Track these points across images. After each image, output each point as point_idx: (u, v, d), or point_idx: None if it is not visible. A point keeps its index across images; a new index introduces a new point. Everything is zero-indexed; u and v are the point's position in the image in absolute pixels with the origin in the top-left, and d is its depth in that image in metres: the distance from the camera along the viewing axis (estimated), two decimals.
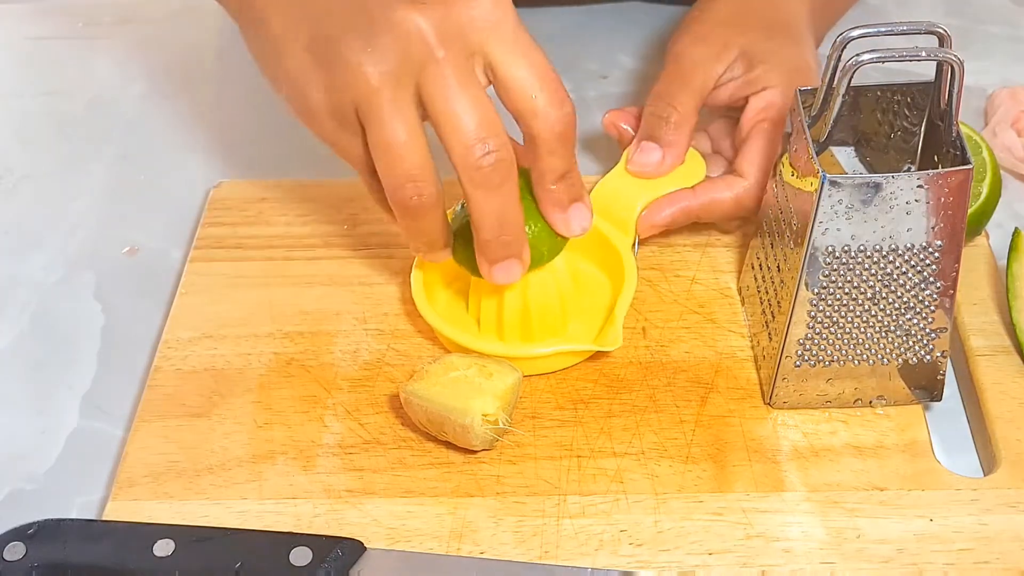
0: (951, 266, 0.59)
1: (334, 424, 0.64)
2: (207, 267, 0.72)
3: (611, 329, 0.64)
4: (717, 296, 0.70)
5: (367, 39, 0.55)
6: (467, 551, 0.58)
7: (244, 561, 0.56)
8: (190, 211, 0.78)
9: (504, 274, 0.61)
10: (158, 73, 0.91)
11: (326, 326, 0.69)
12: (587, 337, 0.66)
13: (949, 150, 0.60)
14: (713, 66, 0.71)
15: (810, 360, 0.62)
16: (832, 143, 0.64)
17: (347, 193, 0.76)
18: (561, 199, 0.61)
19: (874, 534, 0.58)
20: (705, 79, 0.71)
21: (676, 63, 0.72)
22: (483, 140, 0.56)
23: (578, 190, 0.61)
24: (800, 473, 0.61)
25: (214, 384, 0.66)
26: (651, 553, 0.58)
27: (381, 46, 0.55)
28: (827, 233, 0.58)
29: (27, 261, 0.76)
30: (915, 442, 0.62)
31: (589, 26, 0.93)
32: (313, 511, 0.60)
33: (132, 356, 0.69)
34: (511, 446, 0.62)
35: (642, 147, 0.70)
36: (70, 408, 0.67)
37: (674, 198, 0.70)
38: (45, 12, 0.97)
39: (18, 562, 0.55)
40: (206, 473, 0.62)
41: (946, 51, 0.57)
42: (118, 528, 0.58)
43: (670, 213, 0.70)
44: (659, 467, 0.61)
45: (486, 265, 0.61)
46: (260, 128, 0.85)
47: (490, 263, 0.60)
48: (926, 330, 0.61)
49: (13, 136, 0.86)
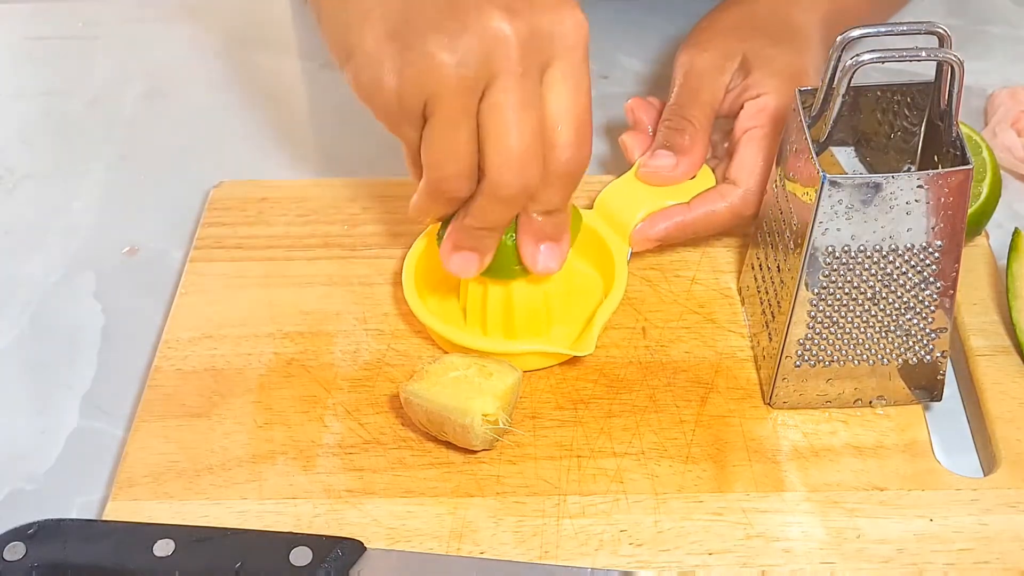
0: (951, 266, 0.59)
1: (334, 424, 0.64)
2: (207, 267, 0.72)
3: (587, 335, 0.64)
4: (717, 296, 0.70)
5: (453, 37, 0.55)
6: (467, 551, 0.58)
7: (244, 561, 0.56)
8: (190, 211, 0.77)
9: (460, 264, 0.61)
10: (158, 73, 0.91)
11: (326, 326, 0.69)
12: (568, 340, 0.66)
13: (949, 150, 0.60)
14: (718, 77, 0.71)
15: (810, 360, 0.62)
16: (832, 143, 0.64)
17: (347, 193, 0.76)
18: (539, 232, 0.61)
19: (874, 534, 0.58)
20: (714, 91, 0.71)
21: (686, 76, 0.72)
22: (521, 165, 0.56)
23: (559, 230, 0.61)
24: (800, 473, 0.61)
25: (214, 384, 0.66)
26: (651, 553, 0.58)
27: (465, 47, 0.55)
28: (827, 233, 0.58)
29: (27, 261, 0.76)
30: (915, 442, 0.62)
31: (589, 26, 0.93)
32: (313, 511, 0.60)
33: (132, 356, 0.69)
34: (511, 446, 0.62)
35: (656, 154, 0.70)
36: (70, 408, 0.67)
37: (669, 212, 0.69)
38: (45, 12, 0.97)
39: (18, 562, 0.55)
40: (206, 473, 0.62)
41: (946, 51, 0.57)
42: (118, 528, 0.58)
43: (664, 228, 0.69)
44: (659, 467, 0.61)
45: (449, 248, 0.61)
46: (260, 128, 0.85)
47: (455, 248, 0.61)
48: (926, 330, 0.61)
49: (13, 136, 0.86)
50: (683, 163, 0.69)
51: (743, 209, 0.68)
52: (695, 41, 0.73)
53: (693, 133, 0.70)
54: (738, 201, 0.68)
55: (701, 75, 0.71)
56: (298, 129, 0.83)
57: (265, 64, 0.90)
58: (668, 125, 0.70)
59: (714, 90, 0.71)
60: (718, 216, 0.69)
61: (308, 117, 0.68)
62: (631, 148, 0.72)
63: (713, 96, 0.71)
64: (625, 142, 0.73)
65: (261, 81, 0.89)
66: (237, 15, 0.96)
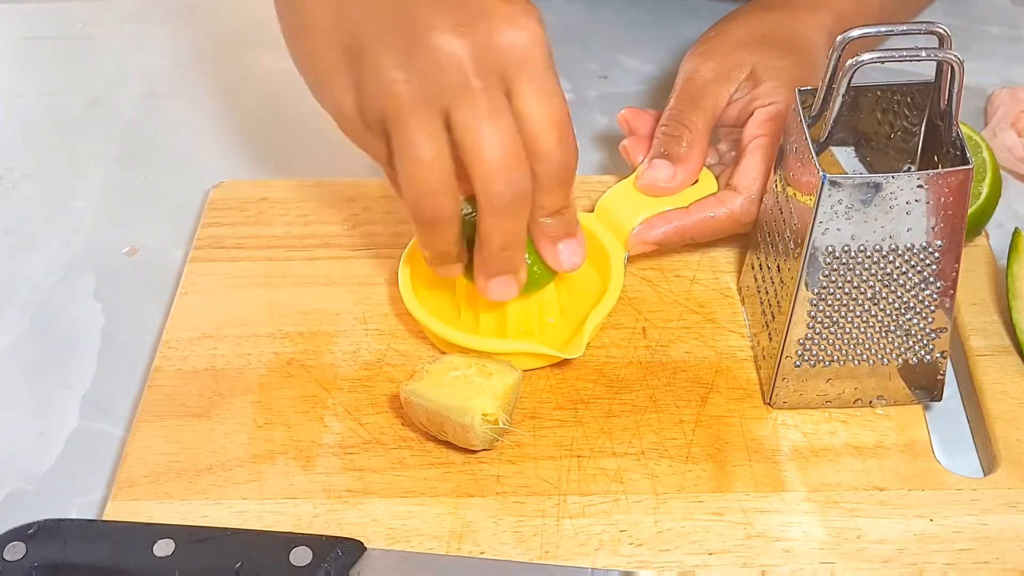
0: (951, 266, 0.59)
1: (334, 424, 0.64)
2: (207, 267, 0.72)
3: (577, 338, 0.64)
4: (717, 296, 0.70)
5: (405, 56, 0.55)
6: (467, 551, 0.58)
7: (244, 561, 0.56)
8: (190, 211, 0.77)
9: (500, 289, 0.61)
10: (158, 73, 0.91)
11: (326, 326, 0.69)
12: (562, 340, 0.66)
13: (949, 150, 0.60)
14: (724, 85, 0.70)
15: (810, 360, 0.62)
16: (832, 143, 0.64)
17: (347, 193, 0.76)
18: (552, 233, 0.61)
19: (874, 534, 0.58)
20: (717, 98, 0.70)
21: (688, 83, 0.71)
22: (506, 171, 0.56)
23: (571, 227, 0.61)
24: (800, 473, 0.61)
25: (214, 384, 0.66)
26: (651, 553, 0.58)
27: (417, 67, 0.55)
28: (827, 233, 0.58)
29: (27, 261, 0.76)
30: (915, 442, 0.62)
31: (589, 26, 0.93)
32: (313, 511, 0.60)
33: (132, 356, 0.69)
34: (511, 446, 0.62)
35: (653, 164, 0.69)
36: (70, 408, 0.67)
37: (667, 217, 0.69)
38: (45, 12, 0.97)
39: (18, 562, 0.55)
40: (206, 473, 0.62)
41: (946, 51, 0.57)
42: (118, 528, 0.58)
43: (663, 232, 0.69)
44: (659, 467, 0.61)
45: (483, 279, 0.61)
46: (260, 128, 0.85)
47: (487, 277, 0.61)
48: (926, 330, 0.61)
49: (13, 136, 0.86)
50: (680, 172, 0.69)
51: (742, 216, 0.68)
52: (702, 50, 0.73)
53: (691, 139, 0.69)
54: (738, 208, 0.68)
55: (705, 82, 0.71)
56: (298, 129, 0.83)
57: (265, 64, 0.90)
58: (665, 132, 0.70)
59: (716, 97, 0.70)
60: (717, 222, 0.69)
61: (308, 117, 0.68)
62: (632, 152, 0.72)
63: (715, 103, 0.70)
64: (626, 147, 0.73)
65: (261, 81, 0.89)
66: (237, 15, 0.96)
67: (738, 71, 0.71)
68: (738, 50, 0.72)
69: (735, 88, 0.71)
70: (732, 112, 0.71)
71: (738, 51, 0.71)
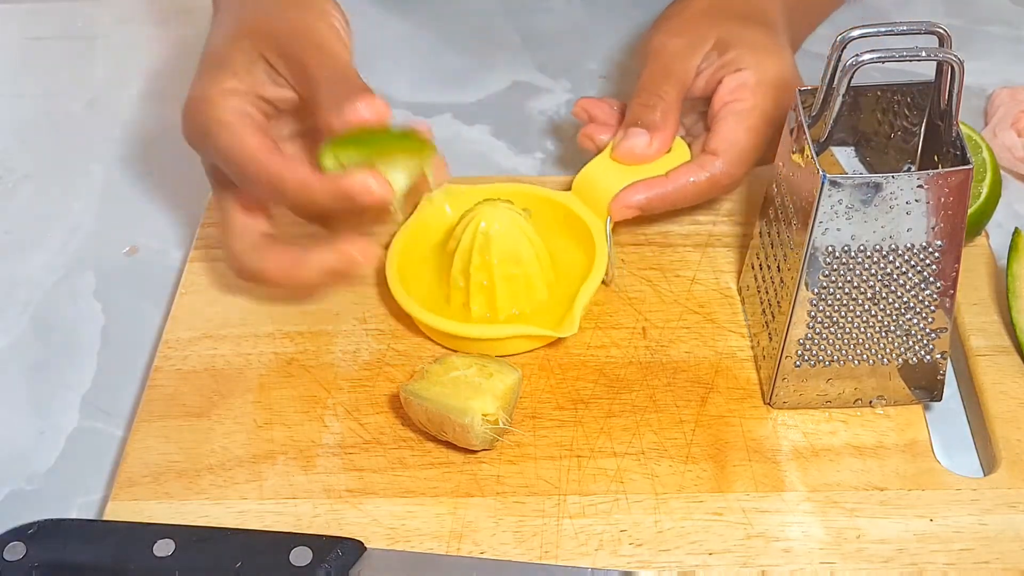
0: (951, 266, 0.59)
1: (334, 424, 0.64)
2: (207, 267, 0.72)
3: (569, 316, 0.65)
4: (717, 296, 0.70)
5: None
6: (467, 551, 0.58)
7: (244, 561, 0.56)
8: (190, 211, 0.77)
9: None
10: (157, 73, 0.91)
11: (326, 326, 0.69)
12: (554, 321, 0.66)
13: (949, 150, 0.60)
14: (691, 56, 0.71)
15: (810, 360, 0.62)
16: (832, 143, 0.64)
17: None
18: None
19: (874, 534, 0.58)
20: (686, 69, 0.71)
21: (656, 57, 0.72)
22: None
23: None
24: (800, 473, 0.61)
25: (214, 384, 0.66)
26: (651, 553, 0.58)
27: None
28: (827, 233, 0.58)
29: (27, 261, 0.76)
30: (915, 442, 0.62)
31: (589, 26, 0.93)
32: (313, 511, 0.60)
33: (132, 356, 0.69)
34: (511, 446, 0.62)
35: (629, 132, 0.70)
36: (70, 408, 0.67)
37: (649, 183, 0.69)
38: (45, 12, 0.97)
39: (18, 562, 0.55)
40: (206, 473, 0.62)
41: (946, 51, 0.57)
42: (118, 528, 0.58)
43: (645, 197, 0.69)
44: (659, 467, 0.61)
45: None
46: None
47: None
48: (926, 330, 0.61)
49: (13, 136, 0.86)
50: (656, 140, 0.70)
51: (723, 178, 0.69)
52: (665, 28, 0.74)
53: (664, 108, 0.70)
54: (718, 172, 0.69)
55: (673, 55, 0.72)
56: None
57: None
58: (638, 102, 0.71)
59: (686, 68, 0.71)
60: (697, 186, 0.69)
61: None
62: (594, 136, 0.73)
63: (685, 73, 0.71)
64: (588, 133, 0.74)
65: None
66: None
67: (704, 43, 0.72)
68: (701, 24, 0.73)
69: (701, 59, 0.71)
70: (700, 83, 0.72)
71: (702, 24, 0.73)
